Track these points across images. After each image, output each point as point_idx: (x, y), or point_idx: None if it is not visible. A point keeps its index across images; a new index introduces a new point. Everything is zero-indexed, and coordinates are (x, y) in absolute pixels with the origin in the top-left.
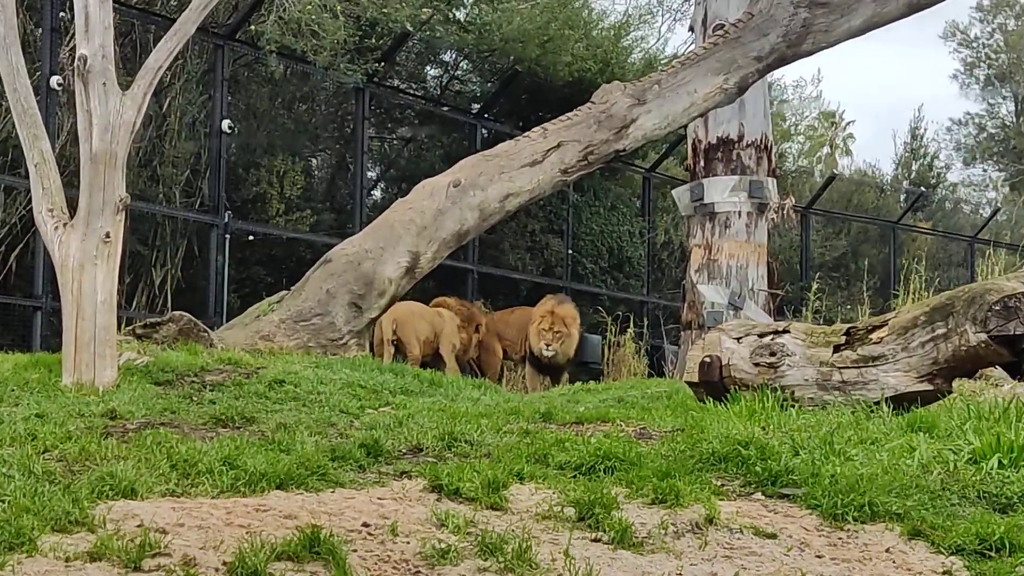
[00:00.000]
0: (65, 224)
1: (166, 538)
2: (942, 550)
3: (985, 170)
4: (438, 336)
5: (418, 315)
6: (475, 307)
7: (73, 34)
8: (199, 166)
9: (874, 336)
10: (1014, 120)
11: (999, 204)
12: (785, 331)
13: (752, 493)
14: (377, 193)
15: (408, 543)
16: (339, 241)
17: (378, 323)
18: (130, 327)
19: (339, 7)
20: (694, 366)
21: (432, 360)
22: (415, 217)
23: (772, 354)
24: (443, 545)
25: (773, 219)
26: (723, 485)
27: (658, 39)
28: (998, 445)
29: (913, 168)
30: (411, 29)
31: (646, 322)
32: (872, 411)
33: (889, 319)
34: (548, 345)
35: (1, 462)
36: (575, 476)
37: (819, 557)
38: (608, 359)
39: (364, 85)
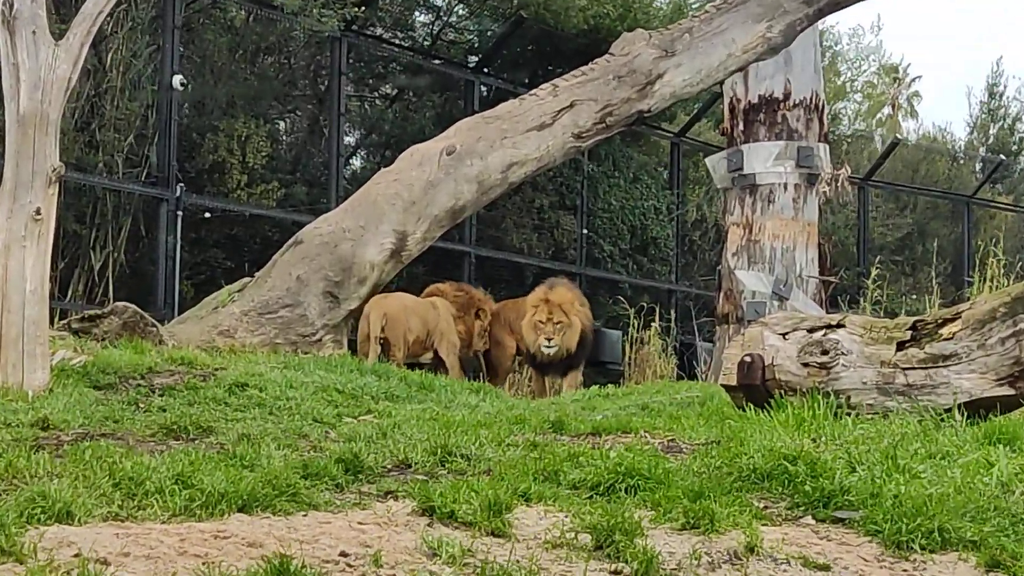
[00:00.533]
0: None
1: (108, 570)
2: None
3: None
4: (432, 333)
5: (411, 310)
6: (476, 291)
7: None
8: (146, 130)
9: (945, 331)
10: None
11: None
12: (839, 325)
13: (801, 517)
14: (357, 162)
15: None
16: (312, 219)
17: (364, 316)
18: (65, 321)
19: None
20: (732, 367)
21: (433, 361)
22: (402, 190)
23: (824, 352)
24: None
25: (825, 192)
26: (766, 507)
27: None
28: None
29: (991, 132)
30: None
31: (674, 315)
32: (942, 419)
33: (963, 311)
34: (549, 340)
35: None
36: (591, 497)
37: None
38: (630, 358)
39: (341, 34)
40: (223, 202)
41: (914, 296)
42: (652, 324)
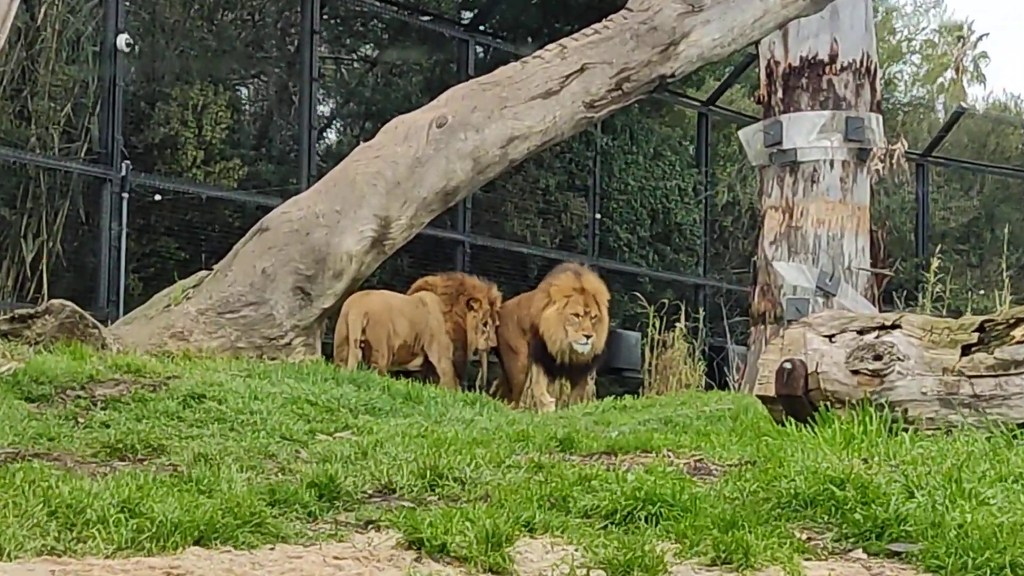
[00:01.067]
0: None
1: None
2: None
3: None
4: (421, 336)
5: (397, 309)
6: (469, 279)
7: None
8: (86, 99)
9: (1018, 333)
10: None
11: None
12: (895, 326)
13: (850, 550)
14: (332, 135)
15: None
16: (280, 202)
17: (341, 316)
18: None
19: None
20: (769, 374)
21: (424, 369)
22: (384, 169)
23: (877, 358)
24: None
25: (878, 171)
26: (810, 539)
27: None
28: None
29: None
30: None
31: (702, 313)
32: (1015, 436)
33: None
34: (587, 337)
35: None
36: (606, 527)
37: None
38: (650, 364)
39: None
40: (176, 183)
41: (982, 292)
42: (676, 325)
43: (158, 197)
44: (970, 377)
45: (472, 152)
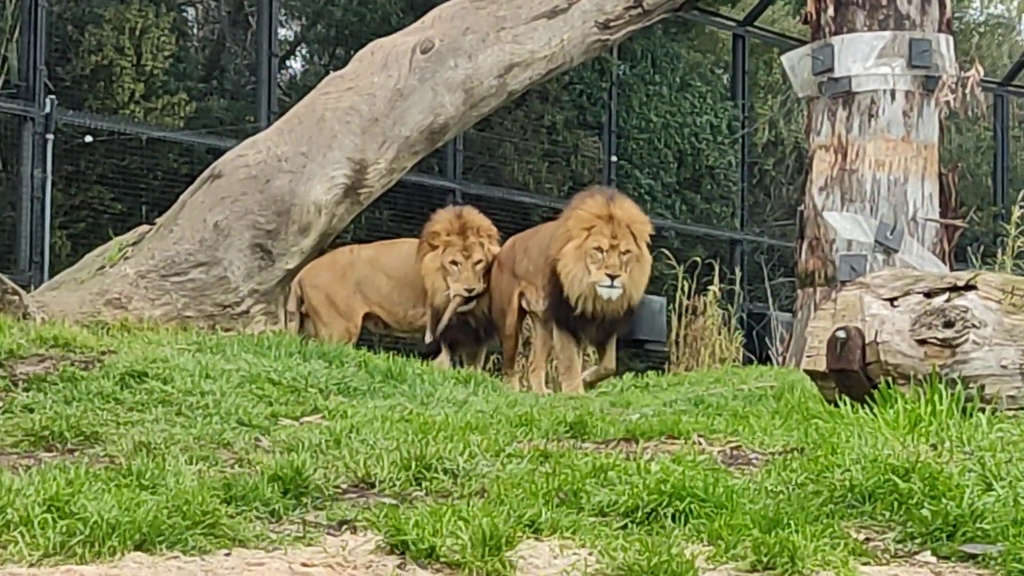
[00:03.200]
0: None
1: None
2: None
3: None
4: (420, 297)
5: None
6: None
7: None
8: (3, 21)
9: None
10: None
11: None
12: (969, 287)
13: (916, 552)
14: (296, 64)
15: None
16: (234, 143)
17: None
18: None
19: None
20: (820, 345)
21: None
22: (359, 103)
23: (948, 325)
24: None
25: (948, 103)
26: (868, 540)
27: None
28: None
29: None
30: None
31: (739, 275)
32: None
33: None
34: (613, 277)
35: None
36: (625, 526)
37: None
38: (677, 335)
39: None
40: (110, 121)
41: None
42: (709, 288)
43: (89, 138)
44: None
45: (463, 82)
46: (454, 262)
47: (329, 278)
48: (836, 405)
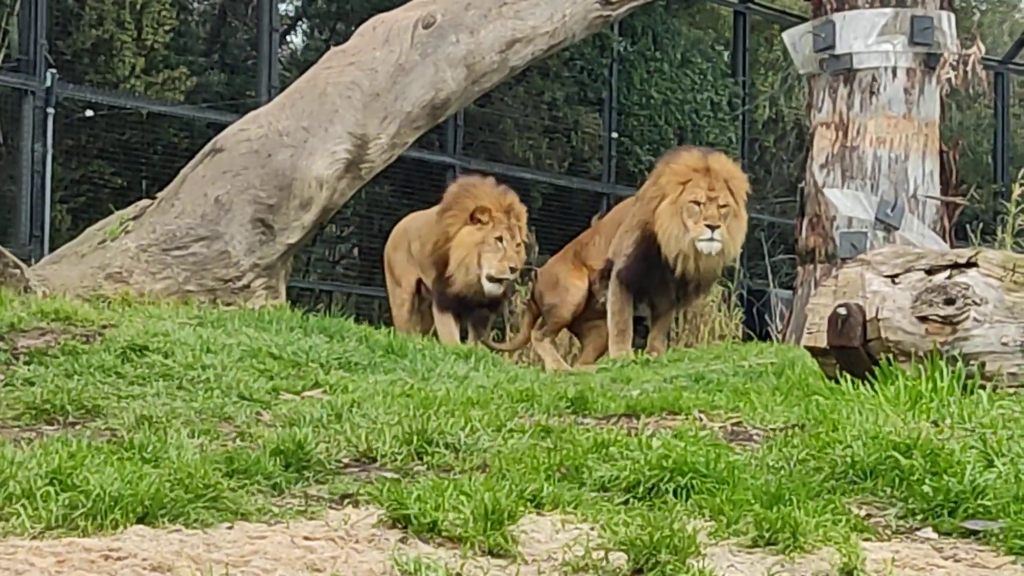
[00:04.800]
0: None
1: None
2: None
3: None
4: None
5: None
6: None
7: None
8: None
9: None
10: None
11: None
12: (970, 264)
13: (917, 528)
14: (297, 39)
15: None
16: (235, 118)
17: None
18: None
19: None
20: (820, 322)
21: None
22: (361, 78)
23: (949, 302)
24: None
25: (950, 80)
26: (869, 516)
27: None
28: None
29: None
30: None
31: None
32: None
33: None
34: (713, 229)
35: None
36: (627, 501)
37: None
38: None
39: None
40: (111, 96)
41: None
42: None
43: (90, 113)
44: None
45: (465, 58)
46: (499, 238)
47: None
48: (837, 382)
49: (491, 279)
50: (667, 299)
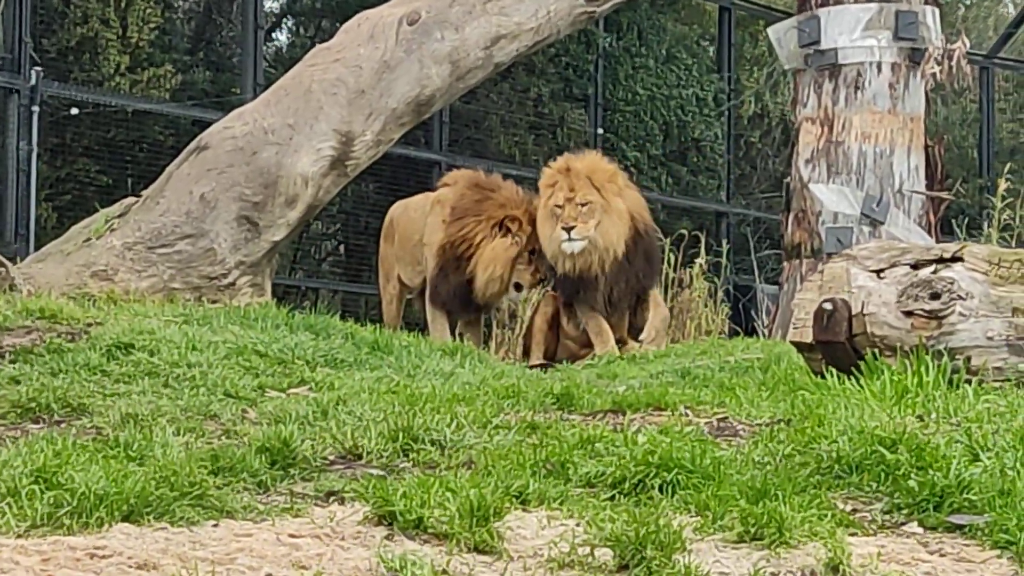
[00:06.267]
0: None
1: None
2: None
3: None
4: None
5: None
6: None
7: None
8: None
9: None
10: None
11: None
12: (955, 259)
13: (903, 523)
14: (282, 36)
15: None
16: (220, 116)
17: None
18: None
19: None
20: (806, 317)
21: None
22: (346, 75)
23: (934, 296)
24: None
25: (934, 75)
26: (855, 511)
27: None
28: None
29: None
30: None
31: (726, 247)
32: None
33: None
34: (568, 231)
35: None
36: (612, 497)
37: None
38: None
39: None
40: (96, 93)
41: None
42: (695, 260)
43: (75, 111)
44: None
45: (450, 54)
46: (532, 251)
47: None
48: (822, 377)
49: (518, 287)
50: (601, 302)
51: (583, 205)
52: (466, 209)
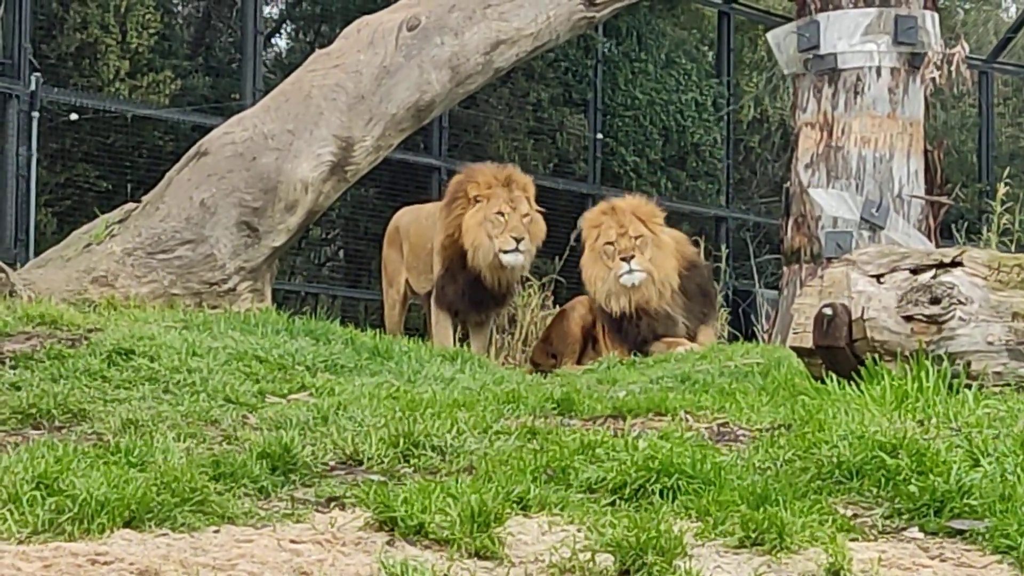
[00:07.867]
0: None
1: None
2: None
3: None
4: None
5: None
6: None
7: None
8: None
9: None
10: None
11: None
12: (955, 263)
13: (903, 528)
14: (282, 42)
15: None
16: (220, 121)
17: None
18: None
19: None
20: (806, 322)
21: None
22: (346, 81)
23: (934, 301)
24: None
25: (934, 80)
26: (856, 516)
27: None
28: None
29: None
30: None
31: (725, 251)
32: None
33: None
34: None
35: None
36: (613, 503)
37: None
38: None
39: None
40: (96, 99)
41: None
42: None
43: (75, 116)
44: None
45: (450, 60)
46: (500, 213)
47: None
48: (823, 382)
49: (504, 251)
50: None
51: (636, 238)
52: (453, 199)
